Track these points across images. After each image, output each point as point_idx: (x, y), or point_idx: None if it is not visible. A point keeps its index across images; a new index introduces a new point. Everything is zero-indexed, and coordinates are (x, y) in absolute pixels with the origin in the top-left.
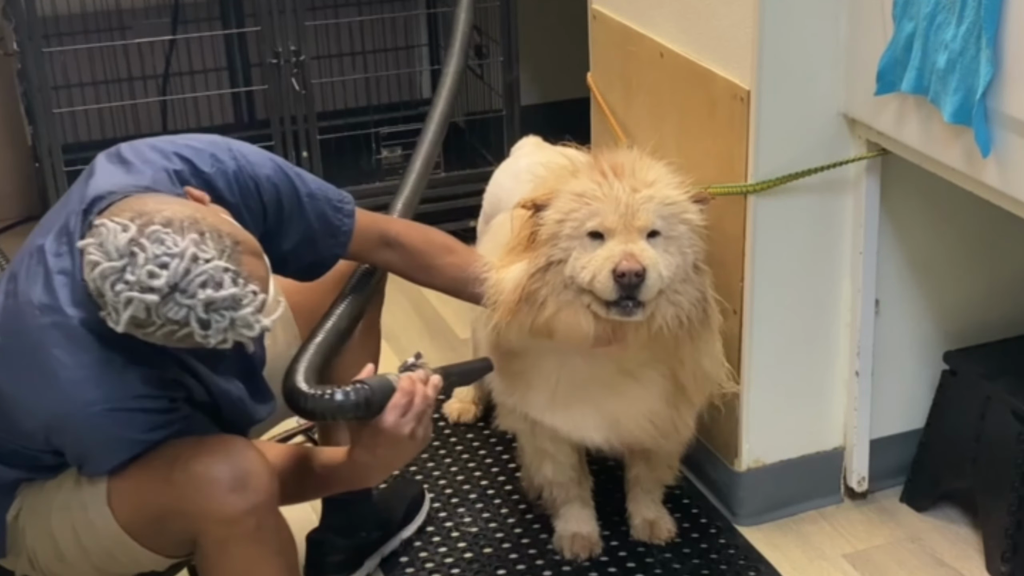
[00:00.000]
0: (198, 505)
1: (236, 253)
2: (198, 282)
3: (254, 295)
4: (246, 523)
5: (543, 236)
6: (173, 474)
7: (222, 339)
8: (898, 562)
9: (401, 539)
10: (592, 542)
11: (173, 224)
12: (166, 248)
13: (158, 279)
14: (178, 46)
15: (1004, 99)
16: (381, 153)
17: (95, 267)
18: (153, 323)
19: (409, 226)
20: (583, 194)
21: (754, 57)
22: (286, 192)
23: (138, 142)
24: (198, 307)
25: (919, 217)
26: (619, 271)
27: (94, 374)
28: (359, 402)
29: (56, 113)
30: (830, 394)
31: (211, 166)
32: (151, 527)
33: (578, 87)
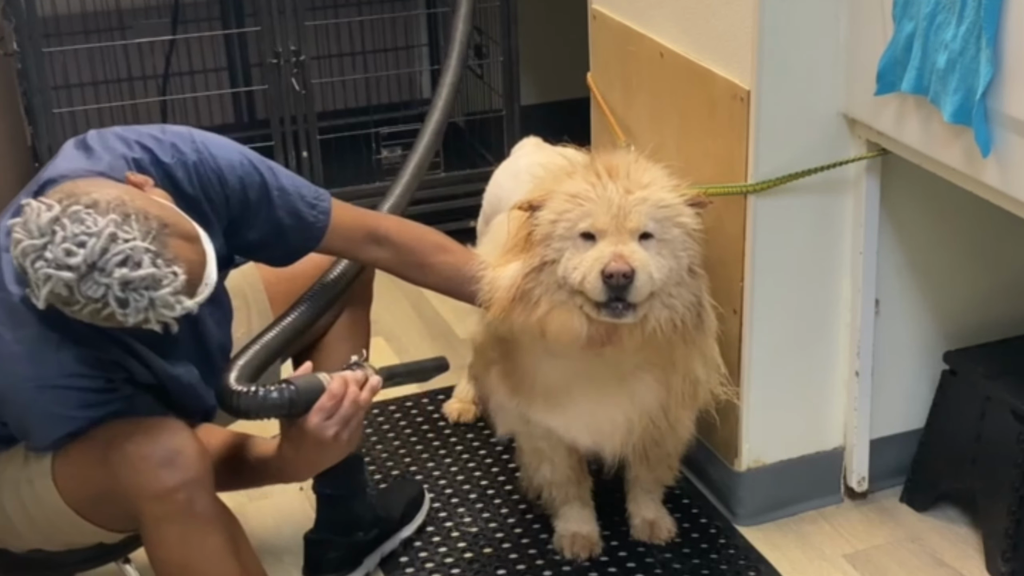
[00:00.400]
0: (131, 483)
1: (162, 235)
2: (115, 261)
3: (174, 276)
4: (176, 499)
5: (537, 236)
6: (109, 454)
7: (142, 318)
8: (898, 562)
9: (400, 539)
10: (592, 542)
11: (98, 205)
12: (85, 228)
13: (75, 257)
14: (178, 46)
15: (1004, 99)
16: (381, 153)
17: (18, 244)
18: (77, 301)
19: (401, 224)
20: (576, 195)
21: (754, 57)
22: (252, 185)
23: (106, 130)
24: (115, 286)
25: (919, 217)
26: (607, 272)
27: (29, 350)
28: (282, 402)
29: (56, 113)
30: (830, 394)
31: (171, 157)
32: (95, 505)
33: (578, 87)
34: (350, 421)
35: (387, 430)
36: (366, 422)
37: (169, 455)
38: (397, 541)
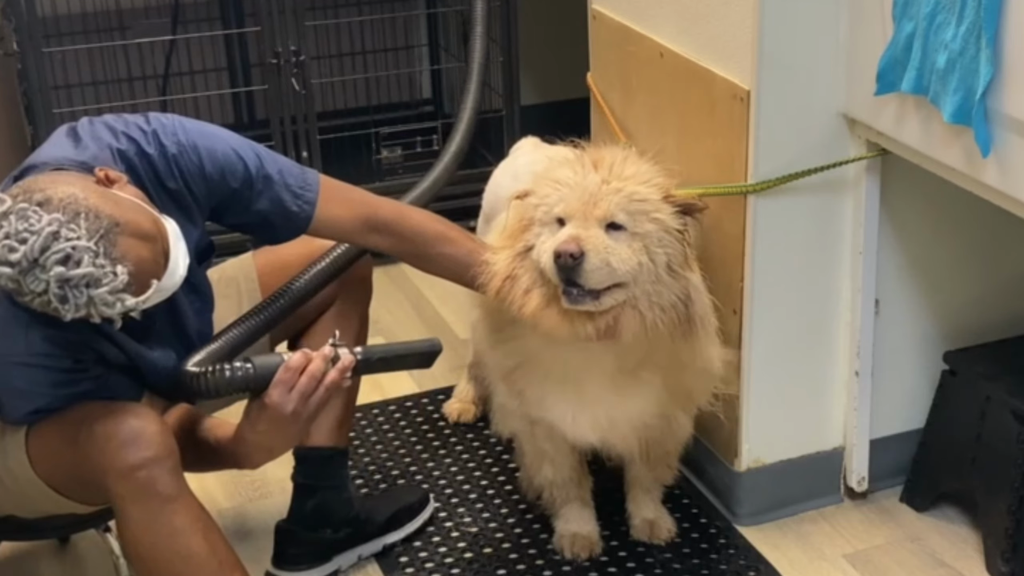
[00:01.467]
0: (97, 461)
1: (112, 234)
2: (55, 259)
3: (114, 276)
4: (137, 476)
5: (524, 222)
6: (79, 435)
7: (83, 314)
8: (898, 562)
9: (384, 543)
10: (592, 542)
11: (50, 203)
12: (28, 225)
13: (15, 253)
14: (178, 46)
15: (1004, 99)
16: (381, 153)
17: None
18: (25, 293)
19: (401, 213)
20: (557, 181)
21: (754, 57)
22: (234, 176)
23: (97, 118)
24: (52, 282)
25: (919, 217)
26: (556, 251)
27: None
28: (238, 379)
29: (56, 113)
30: (830, 394)
31: (155, 148)
32: (67, 481)
33: (578, 87)
34: (309, 397)
35: (387, 430)
36: (366, 422)
37: (132, 434)
38: (379, 545)
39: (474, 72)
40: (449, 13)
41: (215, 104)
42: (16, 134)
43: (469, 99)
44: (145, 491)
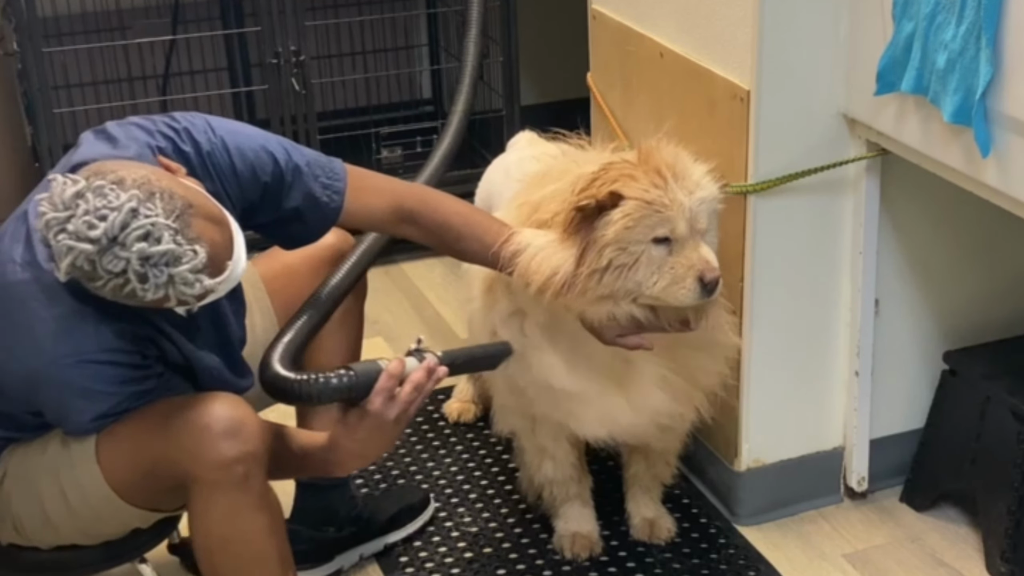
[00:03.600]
0: (191, 450)
1: (186, 215)
2: (135, 236)
3: (194, 254)
4: (235, 470)
5: (607, 238)
6: (169, 422)
7: (162, 294)
8: (898, 562)
9: (386, 542)
10: (592, 541)
11: (123, 183)
12: (107, 202)
13: (95, 230)
14: (178, 46)
15: (1004, 99)
16: (381, 153)
17: (42, 217)
18: (99, 276)
19: (426, 202)
20: (652, 202)
21: (754, 57)
22: (264, 172)
23: (125, 120)
24: (134, 260)
25: (919, 217)
26: (707, 280)
27: (66, 326)
28: (342, 386)
29: (56, 113)
30: (830, 394)
31: (190, 146)
32: (141, 481)
33: (578, 87)
34: (410, 406)
35: None
36: None
37: (233, 426)
38: (381, 544)
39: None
40: (449, 13)
41: (215, 104)
42: (16, 134)
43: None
44: (237, 486)
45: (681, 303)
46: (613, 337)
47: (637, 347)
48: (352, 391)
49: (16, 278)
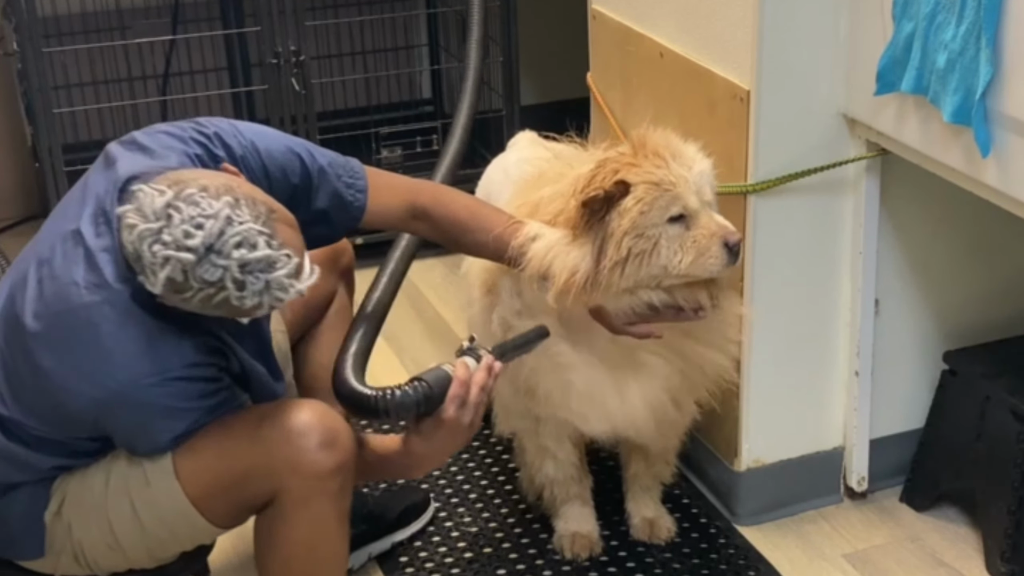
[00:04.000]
0: (288, 460)
1: (270, 220)
2: (232, 243)
3: (288, 258)
4: (332, 481)
5: (623, 227)
6: (261, 431)
7: (257, 302)
8: (898, 562)
9: (393, 541)
10: (592, 541)
11: (209, 190)
12: (201, 210)
13: (193, 239)
14: (178, 46)
15: (1004, 99)
16: (381, 153)
17: (133, 229)
18: (190, 287)
19: (437, 199)
20: (659, 182)
21: (754, 57)
22: (294, 173)
23: (150, 129)
24: (233, 267)
25: (919, 217)
26: (732, 242)
27: (146, 346)
28: (419, 399)
29: (56, 113)
30: (830, 394)
31: (223, 151)
32: (224, 495)
33: (578, 87)
34: (479, 407)
35: (387, 430)
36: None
37: (330, 436)
38: (388, 543)
39: (470, 78)
40: (449, 13)
41: (215, 104)
42: (16, 134)
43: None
44: (332, 497)
45: (711, 273)
46: (623, 326)
47: (647, 335)
48: (428, 402)
49: (83, 300)
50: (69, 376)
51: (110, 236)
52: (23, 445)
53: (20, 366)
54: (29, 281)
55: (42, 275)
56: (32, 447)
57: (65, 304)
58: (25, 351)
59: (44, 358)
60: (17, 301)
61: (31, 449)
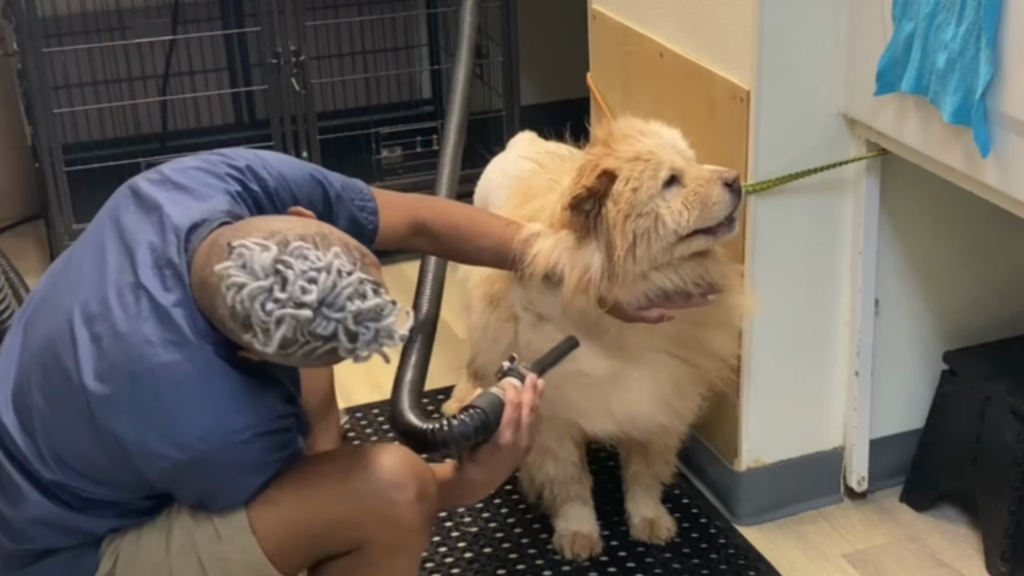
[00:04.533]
0: (382, 513)
1: (365, 265)
2: (345, 295)
3: (393, 305)
4: (424, 531)
5: (621, 213)
6: (352, 484)
7: (367, 352)
8: (898, 562)
9: None
10: (592, 541)
11: (307, 239)
12: (311, 263)
13: (309, 294)
14: (178, 46)
15: (1004, 99)
16: (381, 153)
17: (241, 289)
18: (297, 342)
19: (436, 210)
20: (638, 156)
21: (754, 57)
22: (317, 201)
23: (179, 165)
24: (348, 320)
25: (919, 217)
26: (729, 179)
27: (235, 403)
28: (478, 427)
29: (56, 113)
30: (830, 394)
31: (258, 184)
32: (302, 546)
33: (578, 87)
34: (531, 428)
35: (387, 430)
36: (366, 422)
37: (423, 487)
38: None
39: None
40: (449, 13)
41: (215, 104)
42: (16, 134)
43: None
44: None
45: (719, 218)
46: (636, 312)
47: (660, 319)
48: (485, 429)
49: (161, 360)
50: (148, 439)
51: (181, 290)
52: (70, 509)
53: (73, 428)
54: (79, 338)
55: (99, 332)
56: (80, 510)
57: (140, 364)
58: (83, 413)
59: (115, 421)
60: (64, 358)
61: (78, 512)
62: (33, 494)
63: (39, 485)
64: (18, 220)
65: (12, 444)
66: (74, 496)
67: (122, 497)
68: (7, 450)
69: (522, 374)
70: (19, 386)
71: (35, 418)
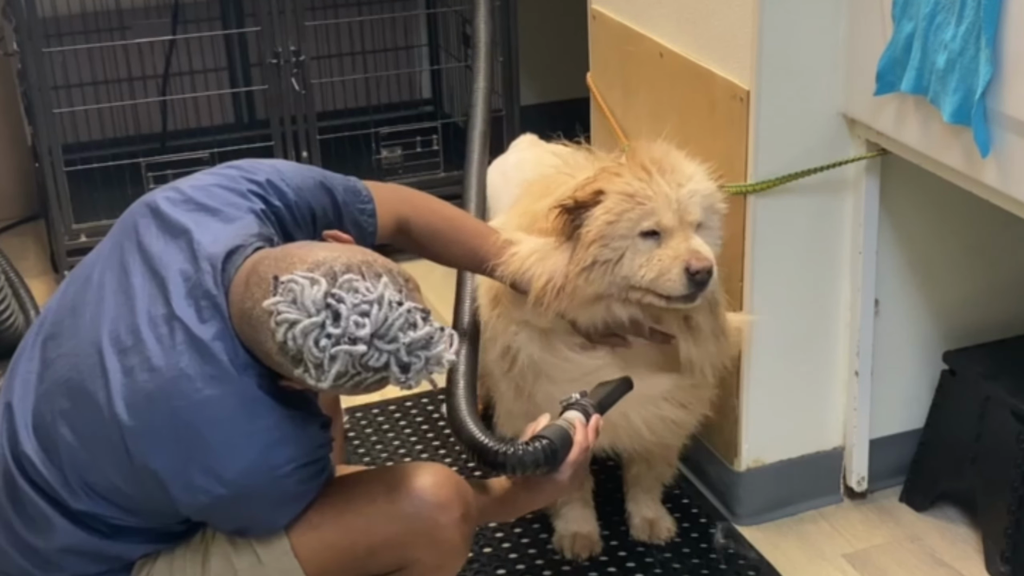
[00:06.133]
0: (428, 535)
1: (410, 290)
2: (397, 326)
3: (441, 332)
4: (466, 549)
5: (590, 235)
6: (397, 506)
7: (415, 381)
8: (897, 562)
9: None
10: (592, 541)
11: (354, 269)
12: (363, 296)
13: (363, 328)
14: (178, 46)
15: (1003, 99)
16: (381, 153)
17: (293, 326)
18: (349, 374)
19: (417, 211)
20: (634, 194)
21: (754, 57)
22: (328, 208)
23: (200, 183)
24: (401, 351)
25: (919, 217)
26: (693, 269)
27: (277, 436)
28: (547, 457)
29: (56, 113)
30: (830, 394)
31: (278, 199)
32: (345, 568)
33: (578, 87)
34: (586, 467)
35: (387, 430)
36: (366, 422)
37: (466, 507)
38: None
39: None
40: (449, 13)
41: (215, 104)
42: (16, 134)
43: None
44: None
45: (672, 293)
46: (599, 337)
47: (618, 346)
48: (551, 463)
49: (202, 395)
50: (190, 475)
51: (219, 321)
52: (100, 536)
53: (104, 460)
54: (111, 370)
55: (131, 365)
56: (111, 536)
57: (180, 400)
58: (116, 446)
59: (152, 456)
60: (94, 390)
61: (109, 539)
62: (62, 523)
63: (68, 514)
64: (18, 220)
65: (37, 474)
66: (105, 524)
67: (154, 524)
68: (31, 480)
69: (588, 412)
70: (40, 416)
71: (61, 448)
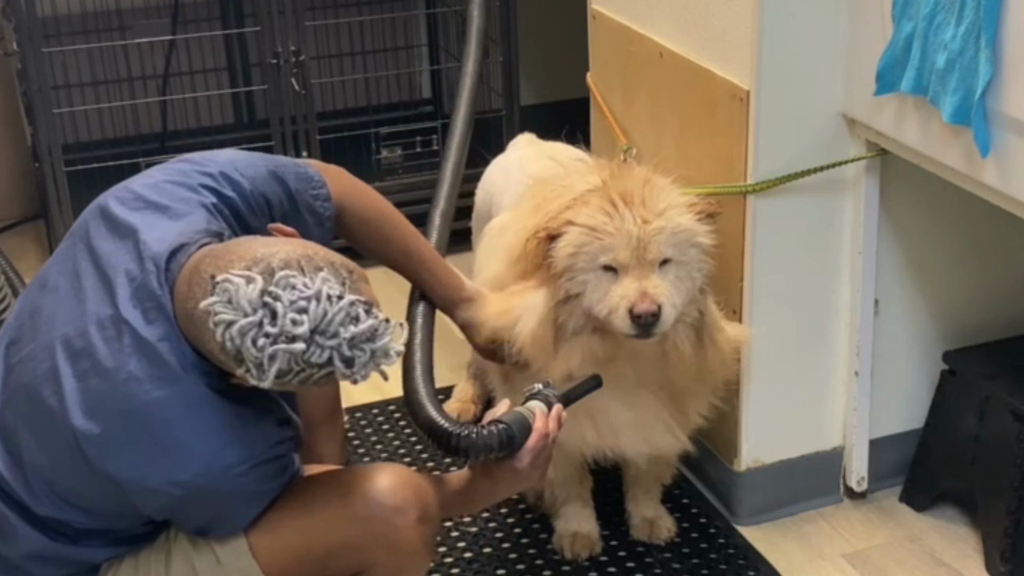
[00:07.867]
0: (385, 538)
1: (353, 282)
2: (337, 321)
3: (387, 323)
4: (427, 552)
5: (558, 268)
6: (353, 509)
7: (363, 374)
8: (897, 562)
9: None
10: (592, 541)
11: (292, 264)
12: (300, 292)
13: (300, 326)
14: (178, 46)
15: (1003, 99)
16: (381, 153)
17: (230, 326)
18: (292, 371)
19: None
20: (595, 228)
21: (754, 57)
22: (284, 196)
23: (151, 180)
24: (343, 346)
25: (919, 217)
26: (636, 312)
27: (231, 436)
28: (503, 442)
29: (56, 113)
30: (829, 394)
31: (231, 189)
32: (304, 569)
33: (578, 87)
34: (549, 458)
35: (387, 430)
36: (365, 422)
37: (425, 509)
38: None
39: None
40: (449, 13)
41: (215, 104)
42: (16, 134)
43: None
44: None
45: (618, 331)
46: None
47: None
48: (507, 447)
49: (151, 397)
50: (145, 477)
51: (165, 322)
52: (65, 540)
53: (64, 465)
54: (63, 375)
55: (83, 369)
56: (75, 541)
57: (130, 403)
58: (73, 451)
59: (108, 460)
60: (47, 396)
61: (74, 543)
62: (26, 529)
63: (32, 519)
64: (18, 220)
65: (1, 480)
66: (69, 528)
67: (118, 526)
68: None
69: (551, 401)
70: (4, 421)
71: (24, 454)
